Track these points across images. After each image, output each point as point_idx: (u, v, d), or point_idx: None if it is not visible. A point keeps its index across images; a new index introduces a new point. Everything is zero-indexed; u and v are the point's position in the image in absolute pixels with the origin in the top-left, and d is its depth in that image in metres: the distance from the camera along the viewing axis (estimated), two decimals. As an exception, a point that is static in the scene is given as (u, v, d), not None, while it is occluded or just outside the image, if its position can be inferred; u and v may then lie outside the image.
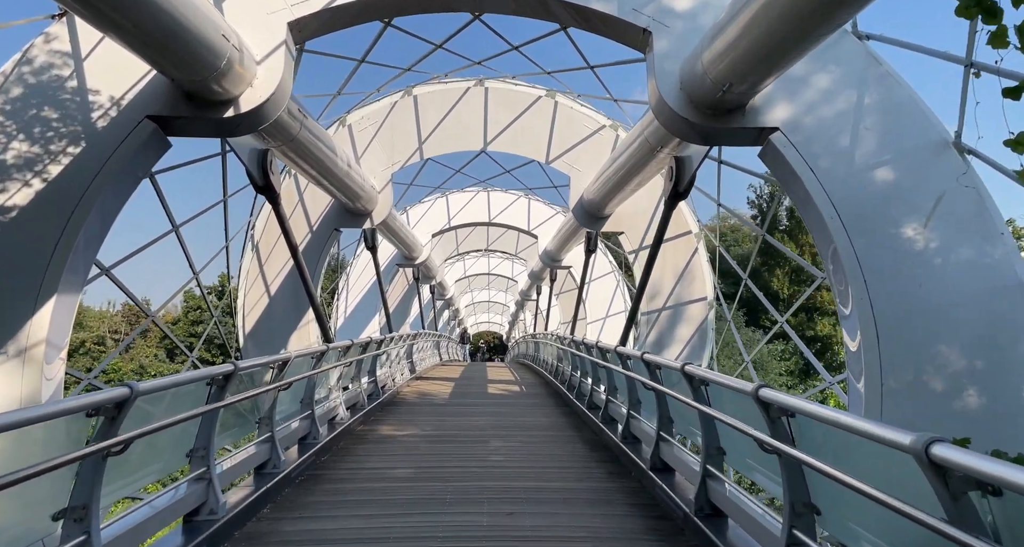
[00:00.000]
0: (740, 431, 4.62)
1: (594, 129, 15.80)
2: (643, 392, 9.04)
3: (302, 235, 15.31)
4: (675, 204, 8.99)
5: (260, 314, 15.21)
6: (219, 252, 12.88)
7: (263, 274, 15.29)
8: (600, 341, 11.12)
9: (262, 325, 15.17)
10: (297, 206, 15.46)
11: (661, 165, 9.94)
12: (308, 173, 11.03)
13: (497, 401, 15.18)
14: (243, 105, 6.90)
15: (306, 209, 15.44)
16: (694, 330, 15.35)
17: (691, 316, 15.45)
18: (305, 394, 8.96)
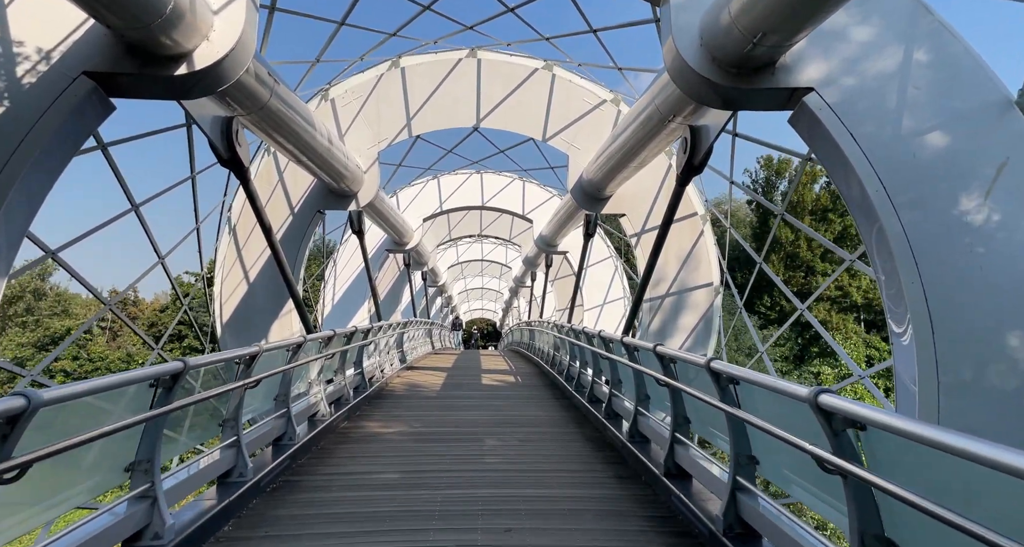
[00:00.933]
0: (789, 443, 3.77)
1: (595, 104, 14.82)
2: (653, 387, 8.25)
3: (282, 217, 14.37)
4: (689, 179, 8.14)
5: (238, 303, 14.29)
6: (188, 235, 11.97)
7: (241, 259, 14.35)
8: (603, 330, 10.31)
9: (240, 314, 14.26)
10: (277, 186, 14.50)
11: (672, 137, 9.05)
12: (284, 148, 10.06)
13: (492, 393, 14.39)
14: (197, 61, 5.94)
15: (286, 189, 14.48)
16: (699, 317, 14.56)
17: (696, 303, 14.66)
18: (280, 391, 8.11)
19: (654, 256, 10.02)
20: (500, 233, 34.60)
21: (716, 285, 14.85)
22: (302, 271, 14.56)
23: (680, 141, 7.83)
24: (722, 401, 5.15)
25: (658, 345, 6.82)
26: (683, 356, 6.05)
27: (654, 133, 9.06)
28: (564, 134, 14.84)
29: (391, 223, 19.67)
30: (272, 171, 14.64)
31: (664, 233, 9.26)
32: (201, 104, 7.30)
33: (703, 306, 14.68)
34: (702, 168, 7.78)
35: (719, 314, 14.62)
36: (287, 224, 14.40)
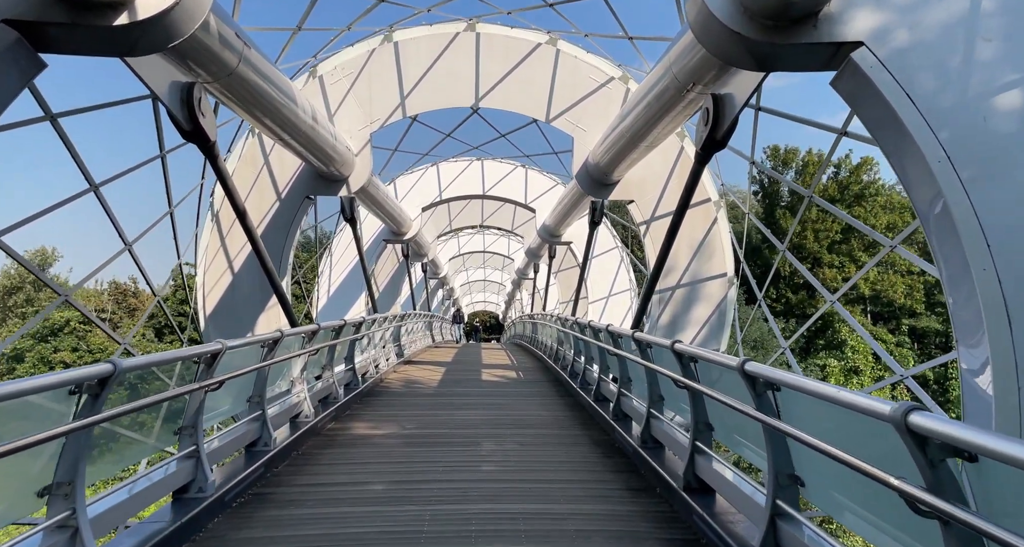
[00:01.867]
0: (867, 475, 2.87)
1: (601, 82, 13.87)
2: (668, 387, 7.43)
3: (268, 203, 13.54)
4: (710, 157, 7.27)
5: (223, 293, 13.49)
6: (160, 219, 11.08)
7: (224, 247, 13.54)
8: (611, 325, 9.49)
9: (225, 306, 13.47)
10: (262, 169, 13.66)
11: (689, 111, 8.16)
12: (262, 125, 9.19)
13: (492, 390, 13.60)
14: (140, 9, 5.06)
15: (273, 173, 13.63)
16: (712, 310, 13.72)
17: (709, 294, 13.80)
18: (254, 391, 7.31)
19: (667, 244, 9.16)
20: (502, 223, 33.72)
21: (730, 276, 13.99)
22: (290, 261, 13.76)
23: (701, 113, 6.98)
24: (758, 410, 4.32)
25: (676, 342, 6.00)
26: (708, 355, 5.22)
27: (669, 106, 8.17)
28: (569, 114, 13.91)
29: (387, 211, 18.81)
30: (257, 154, 13.79)
31: (679, 219, 8.39)
32: (156, 66, 6.42)
33: (716, 298, 13.83)
34: (725, 142, 6.92)
35: (734, 306, 13.77)
36: (273, 210, 13.57)
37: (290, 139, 10.01)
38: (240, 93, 7.82)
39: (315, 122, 10.25)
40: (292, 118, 9.33)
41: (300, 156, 11.66)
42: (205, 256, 13.65)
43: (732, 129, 6.69)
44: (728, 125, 6.53)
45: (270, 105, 8.61)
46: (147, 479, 5.15)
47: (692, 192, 8.12)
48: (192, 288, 28.45)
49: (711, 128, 6.69)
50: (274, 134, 9.71)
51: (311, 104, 10.38)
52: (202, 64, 6.65)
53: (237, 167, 13.64)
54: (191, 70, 6.69)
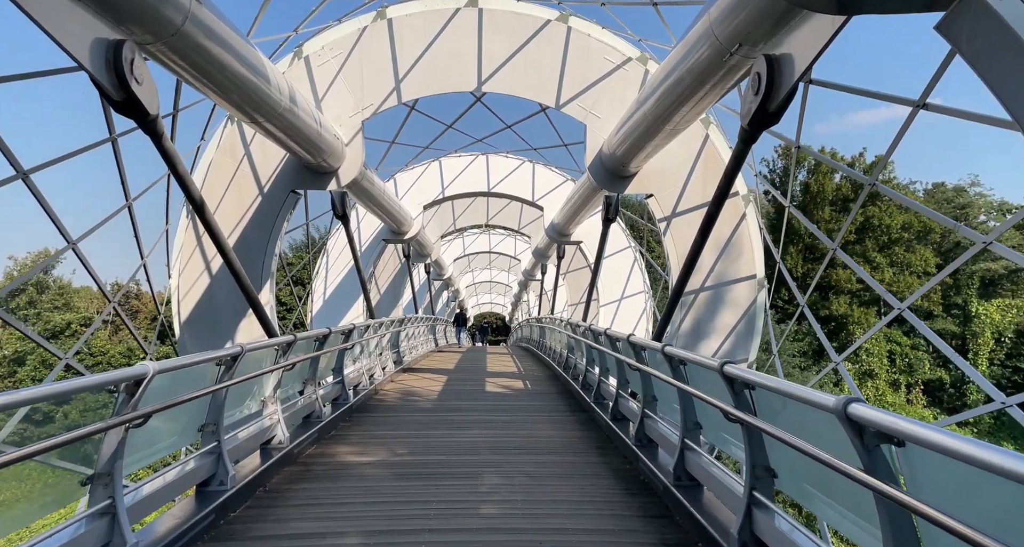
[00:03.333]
0: None
1: (618, 63, 12.53)
2: (705, 411, 6.18)
3: (249, 198, 12.32)
4: (759, 133, 5.96)
5: (200, 297, 12.29)
6: (114, 215, 9.73)
7: (201, 247, 12.32)
8: (632, 335, 8.23)
9: (202, 312, 12.27)
10: (242, 161, 12.44)
11: (727, 82, 6.87)
12: (224, 101, 7.89)
13: (496, 404, 12.35)
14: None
15: (254, 165, 12.41)
16: (739, 316, 12.43)
17: (735, 299, 12.51)
18: (208, 418, 6.07)
19: (699, 242, 7.87)
20: (508, 222, 32.43)
21: (760, 278, 12.67)
22: (273, 263, 12.56)
23: (750, 80, 5.71)
24: (870, 471, 3.04)
25: (727, 363, 4.73)
26: (776, 385, 3.92)
27: (705, 76, 6.88)
28: (581, 99, 12.59)
29: (384, 208, 17.53)
30: (236, 142, 12.55)
31: (716, 210, 7.09)
32: (73, 17, 5.18)
33: (744, 302, 12.53)
34: (779, 116, 5.63)
35: (763, 311, 12.48)
36: (255, 206, 12.35)
37: (264, 122, 8.77)
38: (191, 59, 6.56)
39: (293, 104, 9.00)
40: (261, 96, 8.09)
41: (281, 145, 10.45)
42: (180, 256, 12.44)
43: (789, 99, 5.42)
44: (785, 94, 5.27)
45: (230, 78, 7.33)
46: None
47: (733, 178, 6.82)
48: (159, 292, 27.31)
49: (763, 97, 5.42)
50: (244, 115, 8.47)
51: (289, 84, 9.14)
52: (134, 17, 5.41)
53: (215, 157, 12.43)
54: (120, 24, 5.46)
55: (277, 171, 12.32)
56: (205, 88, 7.42)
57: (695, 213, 12.55)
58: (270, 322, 9.23)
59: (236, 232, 12.28)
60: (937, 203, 69.98)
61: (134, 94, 5.75)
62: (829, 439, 3.52)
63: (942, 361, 62.93)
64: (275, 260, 12.62)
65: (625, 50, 12.50)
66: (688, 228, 12.64)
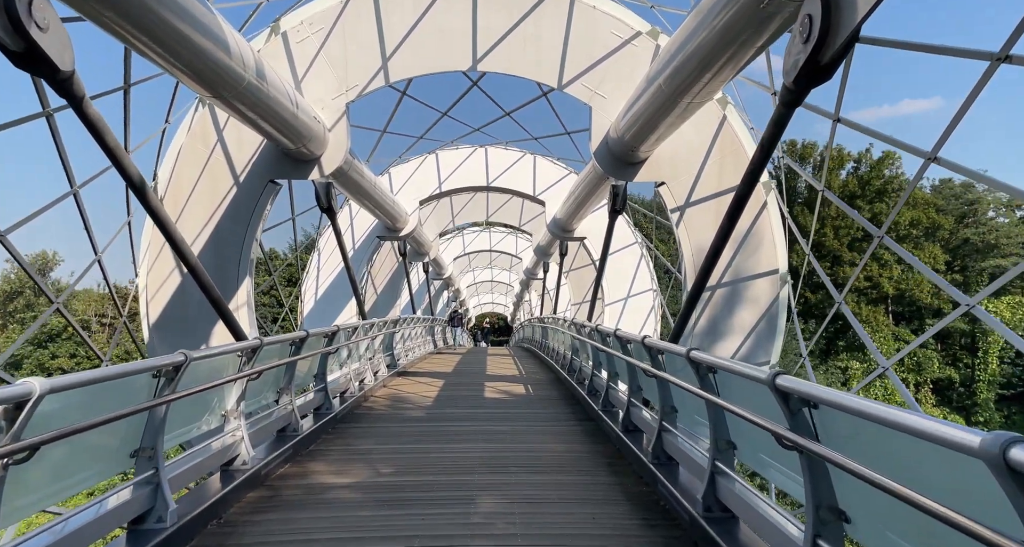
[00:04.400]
0: None
1: (626, 37, 11.48)
2: (738, 427, 5.19)
3: (224, 189, 11.31)
4: (806, 92, 4.84)
5: (171, 297, 11.29)
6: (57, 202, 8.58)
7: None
8: (647, 337, 7.23)
9: (173, 313, 11.26)
10: (215, 148, 11.41)
11: (764, 32, 5.78)
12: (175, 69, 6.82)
13: (495, 412, 11.35)
14: None
15: (228, 152, 11.37)
16: (760, 314, 11.39)
17: (755, 296, 11.46)
18: (144, 442, 5.06)
19: (726, 229, 6.82)
20: (509, 219, 31.40)
21: (783, 273, 11.62)
22: (250, 259, 11.52)
23: (797, 26, 4.66)
24: None
25: (779, 375, 3.73)
26: (867, 409, 2.85)
27: (735, 31, 5.82)
28: (586, 78, 11.51)
29: (376, 202, 16.48)
30: (208, 128, 11.51)
31: (747, 192, 6.02)
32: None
33: (765, 300, 11.49)
34: (832, 71, 4.56)
35: (786, 309, 11.43)
36: (230, 197, 11.33)
37: (229, 97, 7.71)
38: (128, 14, 5.53)
39: (261, 80, 7.96)
40: (220, 66, 7.03)
41: (253, 127, 9.41)
42: (148, 252, 11.42)
43: (847, 49, 4.37)
44: (843, 41, 4.24)
45: (180, 41, 6.26)
46: None
47: (770, 151, 5.76)
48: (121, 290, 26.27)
49: (814, 45, 4.38)
50: (203, 88, 7.38)
51: (257, 56, 8.11)
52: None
53: (185, 143, 11.41)
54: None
55: (254, 159, 11.30)
56: (152, 53, 6.37)
57: (712, 202, 11.54)
58: (238, 325, 8.23)
59: (209, 226, 11.28)
60: (945, 199, 68.90)
61: (36, 44, 4.71)
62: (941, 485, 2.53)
63: (951, 360, 61.86)
64: (253, 257, 11.60)
65: (634, 23, 11.44)
66: (704, 218, 11.62)
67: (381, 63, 11.50)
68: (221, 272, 11.38)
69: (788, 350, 51.49)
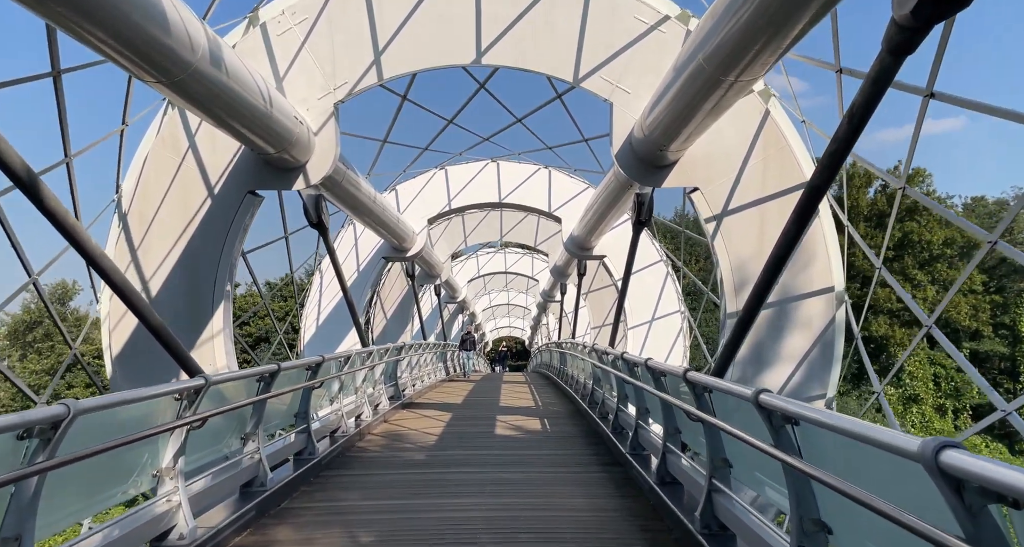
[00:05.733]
0: None
1: (651, 23, 10.07)
2: (826, 496, 3.75)
3: (197, 202, 10.04)
4: (922, 34, 3.44)
5: (136, 325, 10.01)
6: None
7: (138, 263, 9.99)
8: (690, 370, 5.77)
9: (139, 343, 9.92)
10: (187, 155, 10.18)
11: None
12: (102, 46, 5.59)
13: (506, 455, 9.85)
14: None
15: (202, 160, 10.10)
16: (812, 340, 9.79)
17: (806, 318, 9.86)
18: (4, 530, 3.68)
19: (792, 235, 5.37)
20: (523, 238, 30.06)
21: (839, 291, 9.99)
22: (226, 282, 10.18)
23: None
24: None
25: (946, 447, 2.27)
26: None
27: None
28: (606, 71, 10.10)
29: (376, 217, 15.13)
30: (178, 133, 10.26)
31: (822, 185, 4.56)
32: None
33: (818, 322, 9.88)
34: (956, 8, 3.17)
35: (843, 334, 9.81)
36: (203, 211, 10.06)
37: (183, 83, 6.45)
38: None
39: (217, 66, 6.67)
40: (157, 41, 5.78)
41: (221, 126, 8.12)
42: None
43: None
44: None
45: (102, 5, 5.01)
46: None
47: (862, 123, 4.29)
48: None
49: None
50: (142, 72, 6.12)
51: (212, 35, 6.88)
52: None
53: (152, 151, 10.20)
54: None
55: (230, 167, 10.03)
56: (65, 21, 5.15)
57: (754, 209, 10.04)
58: (189, 360, 6.87)
59: (181, 243, 10.01)
60: (979, 218, 66.41)
61: None
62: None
63: (991, 384, 58.98)
64: (230, 278, 10.29)
65: (660, 7, 10.02)
66: (745, 228, 10.12)
67: (373, 57, 10.24)
68: (193, 296, 10.09)
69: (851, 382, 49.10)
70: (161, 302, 9.99)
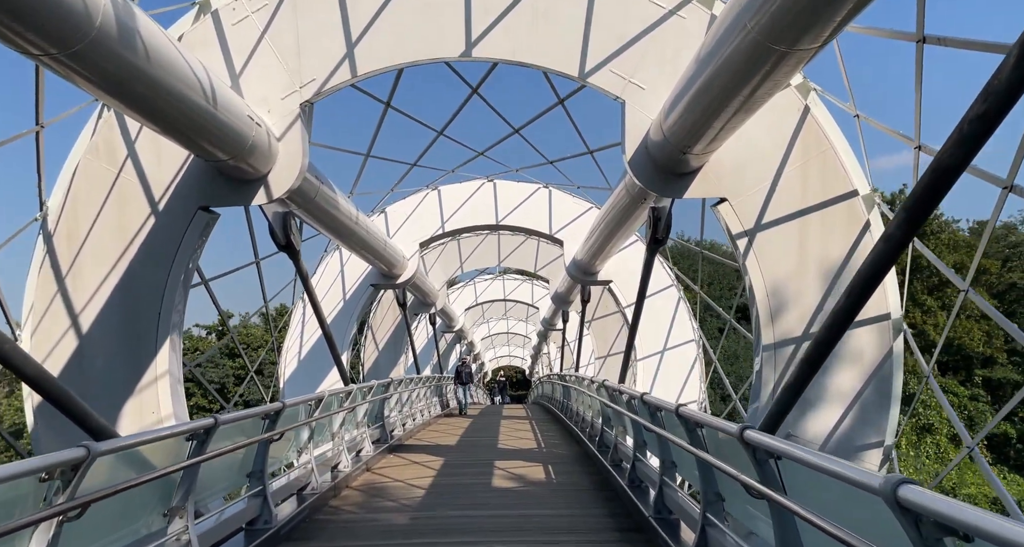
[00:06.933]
0: None
1: (668, 8, 8.71)
2: None
3: (138, 221, 8.51)
4: None
5: (63, 368, 8.45)
6: None
7: (66, 295, 8.47)
8: (752, 429, 4.27)
9: (66, 384, 8.46)
10: (125, 165, 8.69)
11: None
12: None
13: (504, 519, 8.33)
14: None
15: (144, 172, 8.58)
16: (865, 376, 8.26)
17: (857, 350, 8.30)
18: None
19: (888, 253, 4.00)
20: (523, 263, 28.61)
21: (896, 318, 8.44)
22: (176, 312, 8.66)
23: None
24: None
25: None
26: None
27: None
28: (617, 63, 8.67)
29: (360, 239, 13.61)
30: (115, 141, 8.72)
31: (956, 165, 3.26)
32: None
33: (871, 356, 8.31)
34: None
35: (901, 369, 8.28)
36: (145, 232, 8.56)
37: (64, 55, 4.98)
38: None
39: (129, 37, 5.27)
40: None
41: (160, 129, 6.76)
42: (34, 309, 8.58)
43: None
44: None
45: None
46: None
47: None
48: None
49: None
50: (20, 41, 4.78)
51: (130, 5, 5.54)
52: None
53: (83, 162, 8.72)
54: None
55: (178, 179, 8.58)
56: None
57: (794, 223, 8.60)
58: (93, 418, 5.35)
59: (118, 270, 8.50)
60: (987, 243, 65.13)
61: None
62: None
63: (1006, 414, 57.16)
64: (180, 310, 8.79)
65: (678, -10, 8.75)
66: (782, 244, 8.64)
67: (346, 50, 8.89)
68: (132, 330, 8.54)
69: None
70: (93, 339, 8.45)
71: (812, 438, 8.28)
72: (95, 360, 8.48)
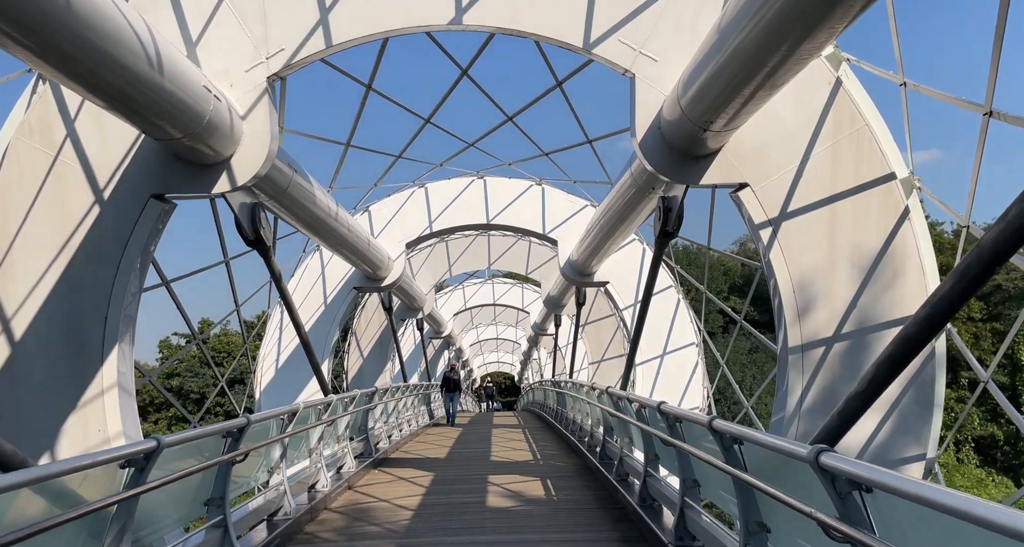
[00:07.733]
0: None
1: None
2: None
3: (80, 211, 7.47)
4: None
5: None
6: None
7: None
8: (828, 451, 3.31)
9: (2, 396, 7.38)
10: (64, 147, 7.63)
11: None
12: None
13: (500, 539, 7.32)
14: None
15: (86, 155, 7.54)
16: (904, 381, 7.44)
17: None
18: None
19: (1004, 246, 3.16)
20: (514, 265, 27.65)
21: None
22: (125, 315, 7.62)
23: None
24: None
25: None
26: None
27: None
28: (626, 32, 7.71)
29: (339, 237, 12.54)
30: (52, 117, 7.64)
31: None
32: None
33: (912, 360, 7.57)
34: None
35: (944, 372, 7.44)
36: (88, 224, 7.53)
37: None
38: None
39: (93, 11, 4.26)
40: None
41: (93, 97, 5.78)
42: None
43: None
44: None
45: None
46: None
47: None
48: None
49: None
50: None
51: None
52: None
53: (15, 141, 7.65)
54: None
55: (126, 163, 7.54)
56: None
57: (824, 211, 7.73)
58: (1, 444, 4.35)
59: (57, 266, 7.45)
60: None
61: None
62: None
63: (990, 415, 57.10)
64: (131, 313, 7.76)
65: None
66: (812, 234, 7.74)
67: (319, 16, 7.89)
68: (74, 336, 7.49)
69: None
70: (28, 347, 7.39)
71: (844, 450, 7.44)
72: (31, 372, 7.40)
